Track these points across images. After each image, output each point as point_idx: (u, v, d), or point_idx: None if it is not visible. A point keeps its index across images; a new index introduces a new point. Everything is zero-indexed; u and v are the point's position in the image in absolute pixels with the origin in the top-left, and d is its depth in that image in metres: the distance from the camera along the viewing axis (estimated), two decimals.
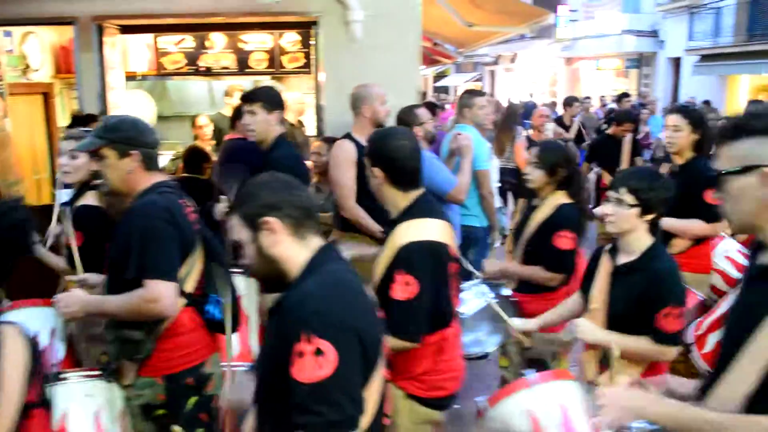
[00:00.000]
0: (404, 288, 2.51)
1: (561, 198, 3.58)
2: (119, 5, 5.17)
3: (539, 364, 3.36)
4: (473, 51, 16.92)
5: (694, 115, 3.95)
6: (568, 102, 10.48)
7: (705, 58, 21.34)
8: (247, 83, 8.34)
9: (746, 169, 1.62)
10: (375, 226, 4.26)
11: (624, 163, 7.44)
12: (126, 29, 5.66)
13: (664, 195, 2.71)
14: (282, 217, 1.80)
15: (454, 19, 7.04)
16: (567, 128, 9.76)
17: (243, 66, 5.87)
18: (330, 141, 4.77)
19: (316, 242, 1.85)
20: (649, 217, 2.69)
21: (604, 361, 2.79)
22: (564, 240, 3.48)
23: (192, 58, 5.83)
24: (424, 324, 2.57)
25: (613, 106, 14.01)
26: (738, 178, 1.64)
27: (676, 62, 23.94)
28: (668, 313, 2.59)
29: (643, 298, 2.63)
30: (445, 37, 9.81)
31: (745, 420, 1.57)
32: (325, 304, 1.67)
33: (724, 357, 1.66)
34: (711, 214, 3.76)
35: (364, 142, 4.30)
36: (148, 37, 6.01)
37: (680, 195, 3.58)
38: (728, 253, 3.91)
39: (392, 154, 2.62)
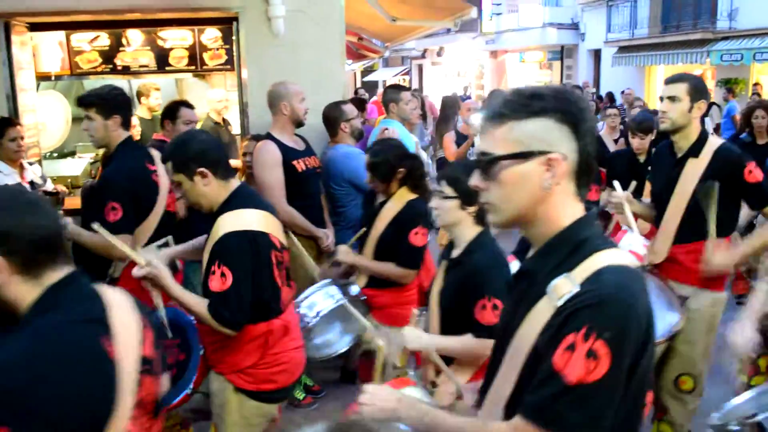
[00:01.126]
0: (219, 279, 2.51)
1: (406, 194, 3.59)
2: (27, 1, 4.92)
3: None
4: (400, 45, 16.97)
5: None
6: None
7: (623, 49, 22.06)
8: (168, 81, 8.14)
9: (528, 154, 1.44)
10: (310, 226, 4.22)
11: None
12: (36, 27, 5.39)
13: None
14: (6, 253, 1.47)
15: (379, 14, 7.02)
16: None
17: (163, 64, 5.69)
18: (258, 139, 4.68)
19: (53, 278, 1.53)
20: (472, 208, 2.63)
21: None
22: (419, 236, 3.51)
23: (108, 57, 5.61)
24: (241, 313, 2.56)
25: None
26: (517, 164, 1.45)
27: (597, 54, 24.67)
28: (484, 306, 2.55)
29: (462, 290, 2.61)
30: (371, 32, 9.79)
31: (482, 425, 1.53)
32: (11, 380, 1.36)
33: (493, 361, 1.61)
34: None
35: (285, 140, 4.26)
36: (60, 35, 5.74)
37: None
38: (632, 247, 3.87)
39: (203, 150, 2.61)
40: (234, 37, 5.40)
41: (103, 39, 5.55)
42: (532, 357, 1.43)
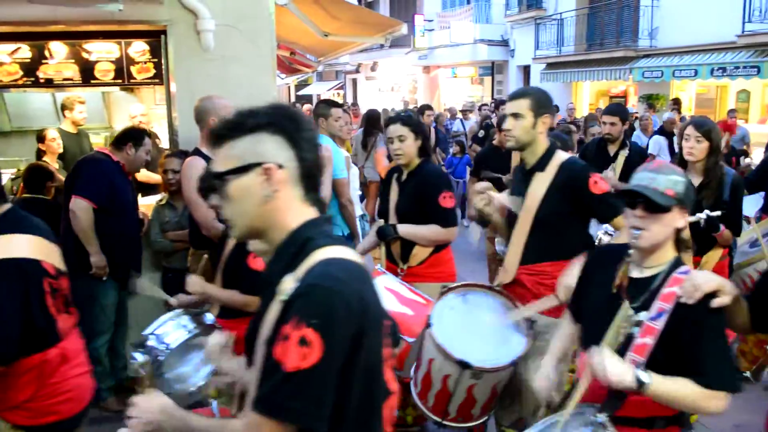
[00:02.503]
0: None
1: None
2: None
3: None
4: (334, 60, 17.01)
5: (413, 123, 3.98)
6: (421, 111, 10.73)
7: (551, 66, 22.70)
8: (95, 95, 7.95)
9: (246, 168, 1.56)
10: None
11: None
12: None
13: None
14: None
15: (310, 30, 7.04)
16: None
17: (88, 77, 5.54)
18: (182, 155, 4.63)
19: None
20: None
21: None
22: (258, 261, 3.14)
23: (30, 69, 5.42)
24: (7, 346, 2.41)
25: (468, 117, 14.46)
26: (238, 178, 1.57)
27: (526, 70, 25.28)
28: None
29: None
30: (304, 46, 9.79)
31: (222, 425, 1.60)
32: None
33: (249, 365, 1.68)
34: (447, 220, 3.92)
35: (214, 155, 4.20)
36: None
37: (414, 200, 3.92)
38: None
39: None
40: (162, 51, 5.32)
41: (24, 51, 5.37)
42: (266, 354, 1.49)
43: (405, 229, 3.90)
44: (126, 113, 7.72)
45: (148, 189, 6.33)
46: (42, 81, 5.46)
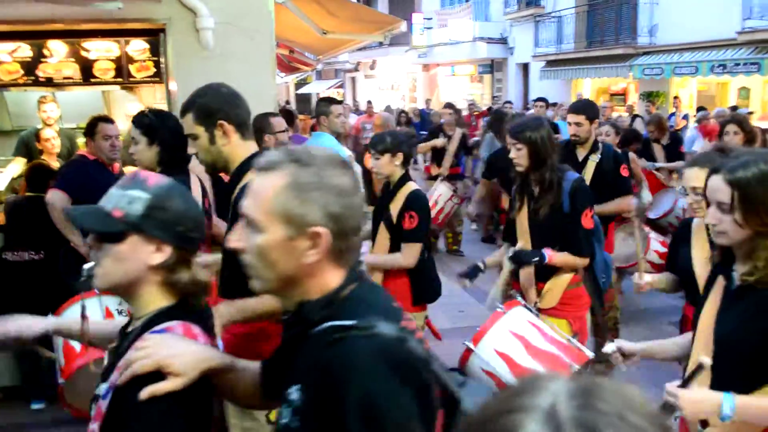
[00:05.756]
0: None
1: None
2: None
3: None
4: (333, 58, 17.02)
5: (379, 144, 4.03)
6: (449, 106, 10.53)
7: (550, 63, 22.71)
8: (95, 93, 7.95)
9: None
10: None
11: (449, 154, 7.91)
12: None
13: None
14: None
15: (309, 28, 7.04)
16: None
17: (88, 76, 5.54)
18: None
19: None
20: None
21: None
22: None
23: (30, 68, 5.42)
24: None
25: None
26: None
27: (525, 67, 25.29)
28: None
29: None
30: (303, 45, 9.80)
31: None
32: None
33: None
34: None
35: None
36: None
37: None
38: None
39: None
40: (162, 49, 5.32)
41: (24, 50, 5.37)
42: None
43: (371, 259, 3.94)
44: (125, 112, 7.72)
45: None
46: (42, 80, 5.46)
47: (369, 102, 17.17)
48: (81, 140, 7.32)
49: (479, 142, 9.31)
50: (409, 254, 3.79)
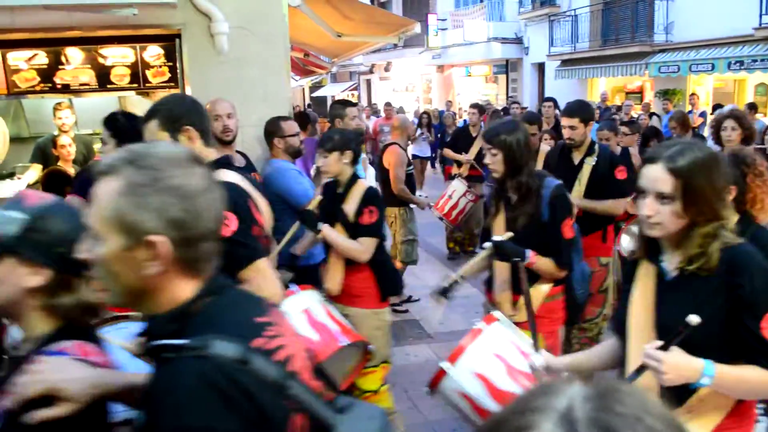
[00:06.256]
0: None
1: None
2: None
3: None
4: (347, 60, 17.03)
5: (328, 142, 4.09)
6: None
7: (565, 62, 22.57)
8: (111, 99, 8.00)
9: None
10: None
11: (472, 153, 8.40)
12: None
13: None
14: None
15: (324, 31, 7.04)
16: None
17: (104, 82, 5.58)
18: None
19: None
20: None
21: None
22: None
23: (47, 75, 5.47)
24: None
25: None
26: None
27: (540, 67, 25.17)
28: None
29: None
30: (317, 47, 9.80)
31: None
32: None
33: None
34: None
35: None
36: None
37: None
38: None
39: None
40: (177, 54, 5.35)
41: (41, 57, 5.42)
42: None
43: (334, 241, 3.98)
44: None
45: None
46: (59, 87, 5.50)
47: (387, 104, 17.07)
48: (97, 146, 7.39)
49: None
50: (368, 248, 3.84)
